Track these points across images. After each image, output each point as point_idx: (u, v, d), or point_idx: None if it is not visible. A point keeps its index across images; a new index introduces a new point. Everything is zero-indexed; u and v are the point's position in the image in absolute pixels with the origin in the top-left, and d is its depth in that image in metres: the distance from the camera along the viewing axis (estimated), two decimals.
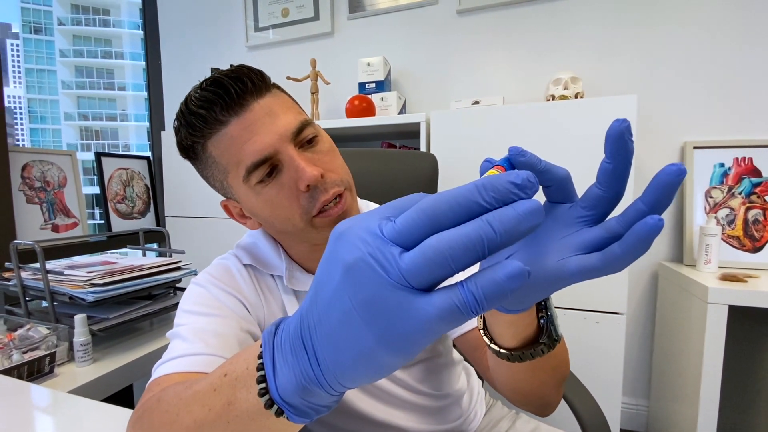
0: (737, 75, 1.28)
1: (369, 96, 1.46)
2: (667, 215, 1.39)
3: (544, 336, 0.34)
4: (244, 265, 0.54)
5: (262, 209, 0.47)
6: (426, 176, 0.96)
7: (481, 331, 0.38)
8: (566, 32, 1.43)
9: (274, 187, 0.45)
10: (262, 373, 0.23)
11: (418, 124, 1.30)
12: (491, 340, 0.37)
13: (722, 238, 1.26)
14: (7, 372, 0.65)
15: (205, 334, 0.44)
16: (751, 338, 1.26)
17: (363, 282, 0.18)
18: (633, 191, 1.38)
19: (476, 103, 1.40)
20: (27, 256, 1.01)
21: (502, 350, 0.35)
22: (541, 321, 0.34)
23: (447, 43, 1.58)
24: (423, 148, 1.30)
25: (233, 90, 0.43)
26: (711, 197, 1.30)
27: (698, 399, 1.04)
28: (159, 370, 0.41)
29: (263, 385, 0.23)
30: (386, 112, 1.46)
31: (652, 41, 1.35)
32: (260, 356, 0.24)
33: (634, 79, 1.37)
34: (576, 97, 1.25)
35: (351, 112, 1.43)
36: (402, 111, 1.52)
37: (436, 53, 1.60)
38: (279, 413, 0.23)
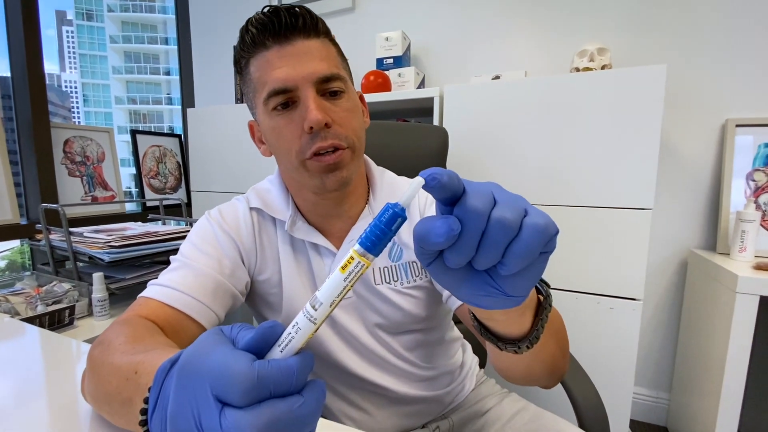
0: None
1: (386, 72, 1.44)
2: (702, 200, 1.28)
3: (540, 320, 0.34)
4: (252, 208, 0.57)
5: (271, 135, 0.51)
6: (436, 150, 0.94)
7: (473, 328, 0.37)
8: (594, 0, 1.33)
9: (285, 118, 0.48)
10: (146, 406, 0.25)
11: (432, 99, 1.27)
12: (487, 334, 0.36)
13: (762, 225, 1.16)
14: (31, 320, 0.72)
15: (190, 272, 0.49)
16: None
17: None
18: (663, 175, 1.28)
19: (497, 77, 1.35)
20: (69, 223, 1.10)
21: (499, 344, 0.35)
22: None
23: (470, 16, 1.52)
24: (436, 124, 1.27)
25: (284, 21, 0.47)
26: (753, 180, 1.19)
27: (720, 393, 0.98)
28: (148, 290, 0.48)
29: (145, 417, 0.25)
30: (403, 88, 1.43)
31: (690, 7, 1.23)
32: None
33: (668, 50, 1.26)
34: (603, 68, 1.17)
35: (366, 88, 1.42)
36: (421, 87, 1.49)
37: (457, 27, 1.55)
38: None
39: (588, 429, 0.54)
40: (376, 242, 0.21)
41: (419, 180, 0.22)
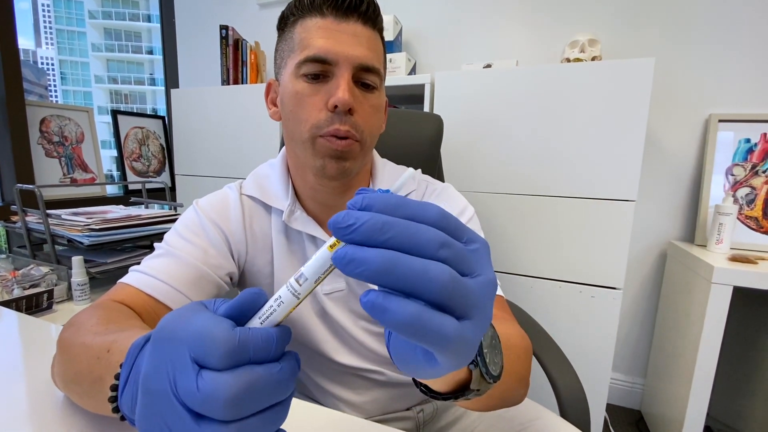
0: None
1: None
2: (682, 193, 1.32)
3: (475, 382, 0.28)
4: (246, 195, 0.56)
5: (290, 100, 0.49)
6: (430, 137, 0.93)
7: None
8: None
9: (312, 88, 0.47)
10: (116, 382, 0.26)
11: (423, 86, 1.26)
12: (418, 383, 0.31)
13: (739, 219, 1.20)
14: (6, 304, 0.69)
15: (172, 261, 0.48)
16: (756, 322, 1.21)
17: (152, 416, 0.20)
18: (647, 168, 1.31)
19: (488, 66, 1.34)
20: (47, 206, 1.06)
21: (431, 394, 0.30)
22: (470, 366, 0.28)
23: (463, 2, 1.50)
24: (427, 111, 1.26)
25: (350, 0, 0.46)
26: (732, 175, 1.22)
27: (691, 379, 1.02)
28: (128, 276, 0.47)
29: (115, 393, 0.26)
30: (394, 74, 1.41)
31: (679, 2, 1.23)
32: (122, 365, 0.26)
33: (657, 43, 1.27)
34: (593, 60, 1.17)
35: None
36: (412, 74, 1.47)
37: (450, 13, 1.53)
38: (122, 418, 0.26)
39: (569, 415, 0.56)
40: None
41: (411, 171, 0.22)
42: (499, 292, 0.52)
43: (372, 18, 0.49)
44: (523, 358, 0.40)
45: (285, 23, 0.51)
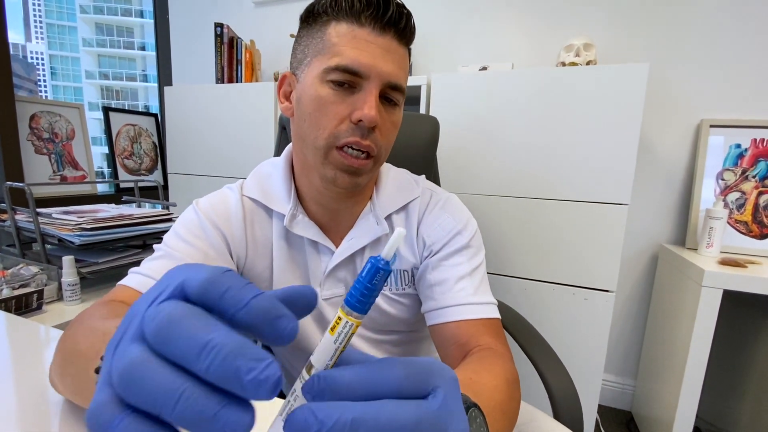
0: (763, 50, 1.18)
1: None
2: (675, 197, 1.33)
3: None
4: (247, 197, 0.55)
5: (311, 103, 0.47)
6: (426, 139, 0.93)
7: None
8: None
9: (337, 96, 0.46)
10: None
11: (419, 87, 1.26)
12: None
13: (729, 223, 1.22)
14: None
15: (171, 263, 0.48)
16: (746, 325, 1.23)
17: None
18: (639, 172, 1.32)
19: (484, 68, 1.35)
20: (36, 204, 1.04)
21: None
22: None
23: (459, 5, 1.51)
24: (423, 113, 1.26)
25: (391, 13, 0.45)
26: (723, 179, 1.24)
27: (681, 381, 1.04)
28: (128, 278, 0.47)
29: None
30: None
31: (675, 8, 1.25)
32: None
33: (651, 49, 1.29)
34: (588, 64, 1.18)
35: None
36: (408, 75, 1.47)
37: (447, 16, 1.53)
38: None
39: (562, 417, 0.56)
40: (362, 300, 0.20)
41: (401, 231, 0.20)
42: (494, 314, 0.51)
43: (407, 36, 0.48)
44: (509, 414, 0.38)
45: (315, 19, 0.48)
